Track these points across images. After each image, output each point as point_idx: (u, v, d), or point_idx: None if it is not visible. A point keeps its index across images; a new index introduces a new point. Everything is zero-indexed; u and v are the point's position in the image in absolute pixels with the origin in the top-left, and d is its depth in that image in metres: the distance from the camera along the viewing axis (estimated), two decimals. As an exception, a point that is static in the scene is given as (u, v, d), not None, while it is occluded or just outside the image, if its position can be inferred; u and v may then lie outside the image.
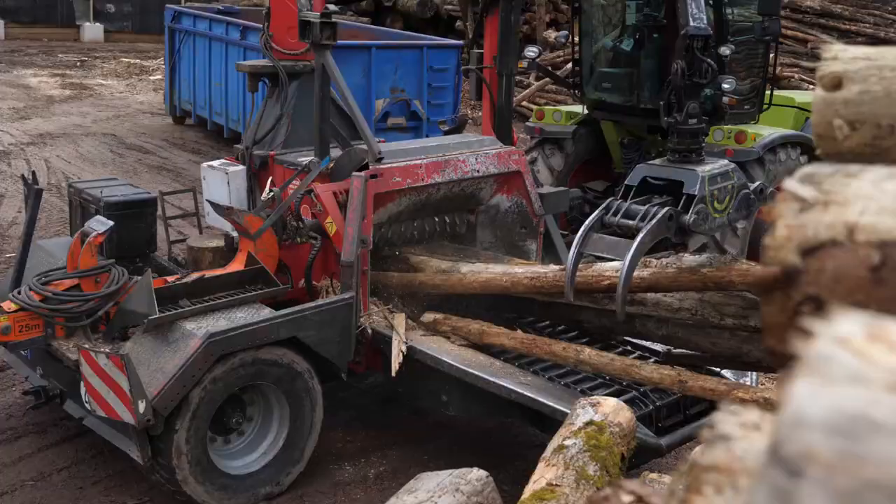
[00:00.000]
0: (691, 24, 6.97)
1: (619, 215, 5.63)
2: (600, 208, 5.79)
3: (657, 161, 6.18)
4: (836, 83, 1.33)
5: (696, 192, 5.57)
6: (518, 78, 17.48)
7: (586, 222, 5.66)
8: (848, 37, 19.25)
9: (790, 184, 0.93)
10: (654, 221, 5.37)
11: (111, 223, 6.03)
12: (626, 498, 1.10)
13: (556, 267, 5.87)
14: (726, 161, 6.27)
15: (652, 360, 5.77)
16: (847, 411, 0.59)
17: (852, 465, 0.57)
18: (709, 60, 6.38)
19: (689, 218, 5.50)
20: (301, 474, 5.99)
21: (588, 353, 5.42)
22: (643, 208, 5.57)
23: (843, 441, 0.58)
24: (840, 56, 1.35)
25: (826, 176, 0.93)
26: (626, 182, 5.96)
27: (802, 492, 0.58)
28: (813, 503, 0.57)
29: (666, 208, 5.50)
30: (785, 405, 0.61)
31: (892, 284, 0.83)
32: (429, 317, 6.38)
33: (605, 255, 5.62)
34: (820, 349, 0.62)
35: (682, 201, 5.60)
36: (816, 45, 17.81)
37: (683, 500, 0.71)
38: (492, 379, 5.64)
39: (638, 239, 5.21)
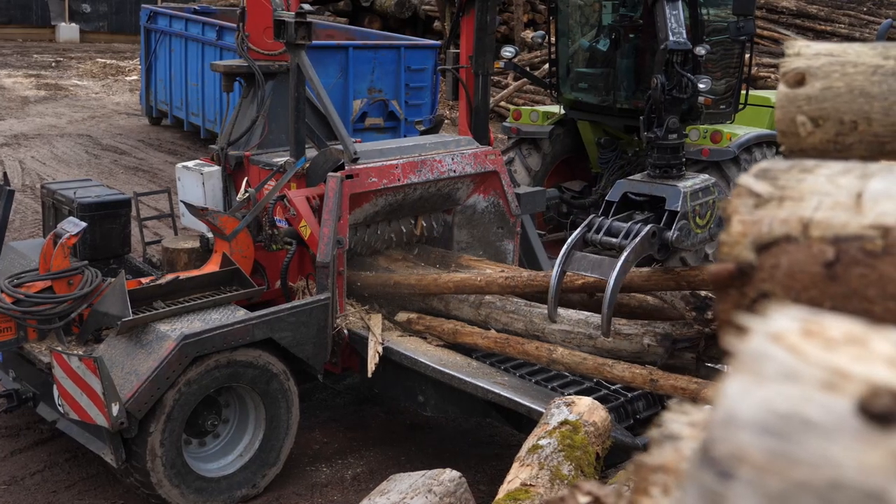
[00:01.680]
0: (671, 38, 6.93)
1: (601, 233, 5.60)
2: (582, 226, 5.76)
3: (637, 176, 6.16)
4: (799, 79, 1.32)
5: (678, 209, 5.56)
6: (496, 78, 17.50)
7: (569, 240, 5.63)
8: (823, 37, 19.38)
9: (745, 179, 0.93)
10: (637, 239, 5.36)
11: (84, 224, 5.98)
12: (583, 499, 1.08)
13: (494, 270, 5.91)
14: (706, 175, 6.27)
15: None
16: (779, 410, 0.58)
17: (783, 466, 0.56)
18: (689, 75, 6.37)
19: (672, 234, 5.50)
20: (277, 476, 5.96)
21: (560, 353, 5.43)
22: (626, 225, 5.56)
23: (774, 441, 0.57)
24: (803, 52, 1.34)
25: (782, 171, 0.92)
26: (606, 198, 5.94)
27: (732, 494, 0.56)
28: None
29: (649, 226, 5.49)
30: (717, 404, 0.59)
31: (846, 280, 0.82)
32: (402, 316, 6.36)
33: (587, 274, 5.60)
34: (754, 346, 0.61)
35: (664, 218, 5.59)
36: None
37: (630, 500, 0.69)
38: (468, 379, 5.63)
39: (622, 258, 5.22)
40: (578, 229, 5.73)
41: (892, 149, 1.29)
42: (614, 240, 5.49)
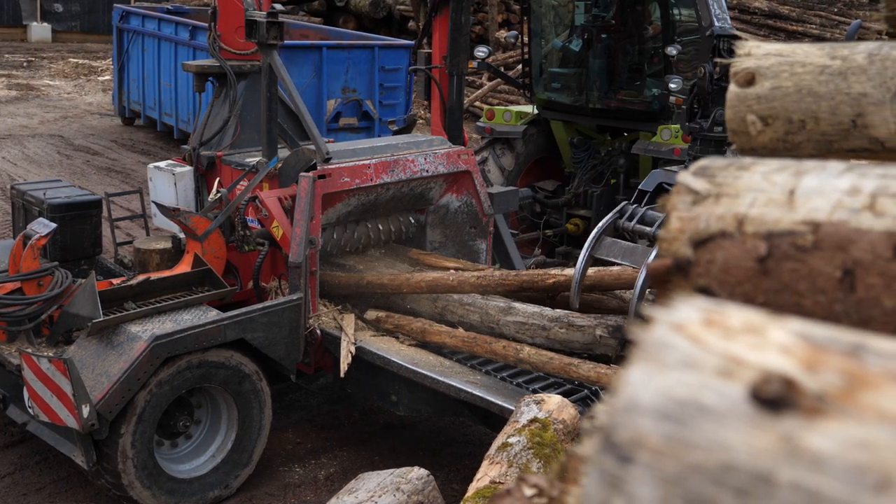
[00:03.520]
0: (716, 24, 6.76)
1: (634, 220, 5.43)
2: (614, 212, 5.54)
3: (675, 168, 6.00)
4: (749, 79, 1.35)
5: None
6: (471, 78, 17.51)
7: (599, 225, 5.42)
8: (795, 37, 19.55)
9: (684, 177, 0.95)
10: None
11: (54, 225, 5.95)
12: (529, 491, 1.10)
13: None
14: None
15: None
16: (676, 396, 0.60)
17: (678, 450, 0.58)
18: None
19: None
20: (250, 477, 5.95)
21: (527, 352, 5.46)
22: (662, 215, 5.49)
23: (671, 426, 0.59)
24: (753, 52, 1.37)
25: (719, 169, 0.94)
26: (640, 187, 5.77)
27: (631, 477, 0.58)
28: (640, 489, 0.58)
29: None
30: (619, 391, 0.61)
31: (777, 275, 0.84)
32: (372, 314, 6.37)
33: (618, 261, 5.42)
34: (656, 335, 0.63)
35: None
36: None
37: (562, 490, 0.71)
38: (440, 378, 5.64)
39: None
40: (609, 215, 5.52)
41: (839, 147, 1.32)
42: (648, 229, 5.31)
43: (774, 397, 0.58)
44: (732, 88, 1.37)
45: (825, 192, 0.84)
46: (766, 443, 0.56)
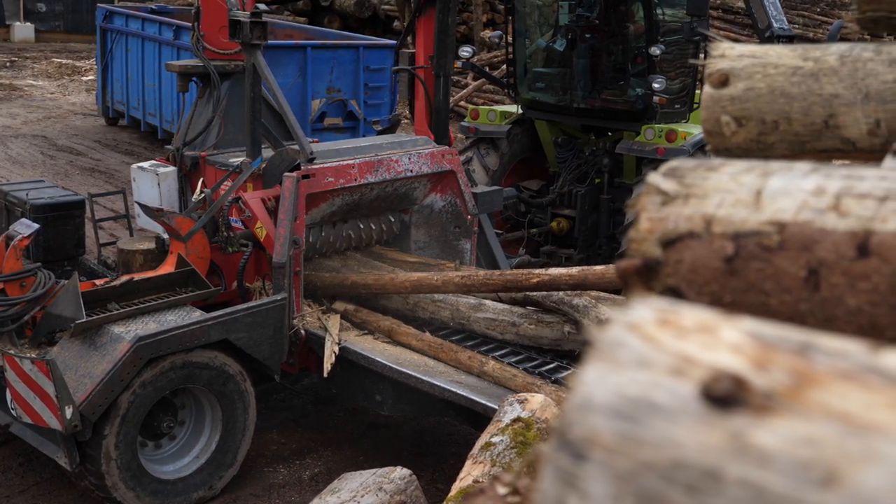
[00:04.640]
0: (775, 25, 6.74)
1: None
2: None
3: None
4: (723, 80, 1.36)
5: None
6: (455, 78, 17.51)
7: None
8: (778, 37, 19.65)
9: (653, 177, 0.96)
10: None
11: (37, 226, 5.93)
12: (502, 489, 1.11)
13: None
14: None
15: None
16: (629, 395, 0.61)
17: (631, 448, 0.59)
18: None
19: None
20: (235, 477, 5.94)
21: (491, 366, 5.52)
22: None
23: (623, 424, 0.60)
24: (727, 54, 1.38)
25: (688, 170, 0.96)
26: None
27: (585, 474, 0.60)
28: (594, 485, 0.59)
29: None
30: (574, 390, 0.63)
31: (744, 275, 0.85)
32: (340, 305, 6.37)
33: None
34: (612, 335, 0.65)
35: None
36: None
37: (528, 488, 0.72)
38: (425, 378, 5.65)
39: None
40: None
41: (812, 147, 1.34)
42: None
43: (724, 395, 0.59)
44: (707, 90, 1.38)
45: (791, 192, 0.86)
46: (715, 440, 0.57)
